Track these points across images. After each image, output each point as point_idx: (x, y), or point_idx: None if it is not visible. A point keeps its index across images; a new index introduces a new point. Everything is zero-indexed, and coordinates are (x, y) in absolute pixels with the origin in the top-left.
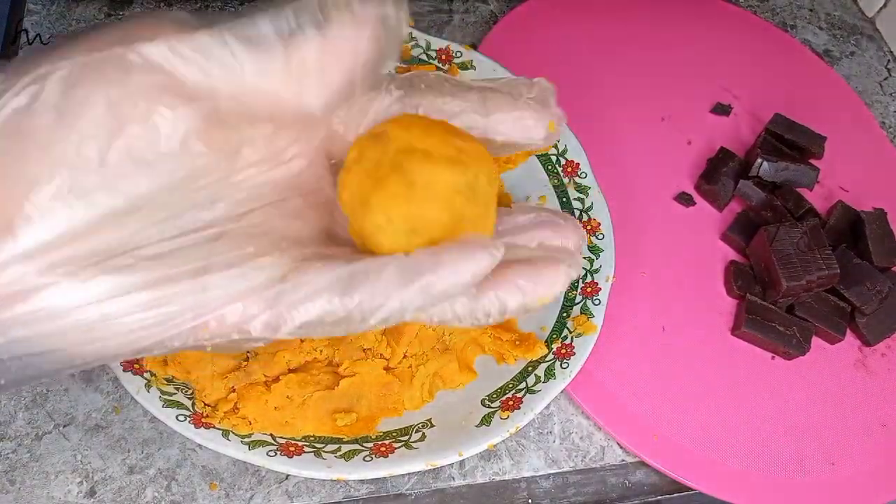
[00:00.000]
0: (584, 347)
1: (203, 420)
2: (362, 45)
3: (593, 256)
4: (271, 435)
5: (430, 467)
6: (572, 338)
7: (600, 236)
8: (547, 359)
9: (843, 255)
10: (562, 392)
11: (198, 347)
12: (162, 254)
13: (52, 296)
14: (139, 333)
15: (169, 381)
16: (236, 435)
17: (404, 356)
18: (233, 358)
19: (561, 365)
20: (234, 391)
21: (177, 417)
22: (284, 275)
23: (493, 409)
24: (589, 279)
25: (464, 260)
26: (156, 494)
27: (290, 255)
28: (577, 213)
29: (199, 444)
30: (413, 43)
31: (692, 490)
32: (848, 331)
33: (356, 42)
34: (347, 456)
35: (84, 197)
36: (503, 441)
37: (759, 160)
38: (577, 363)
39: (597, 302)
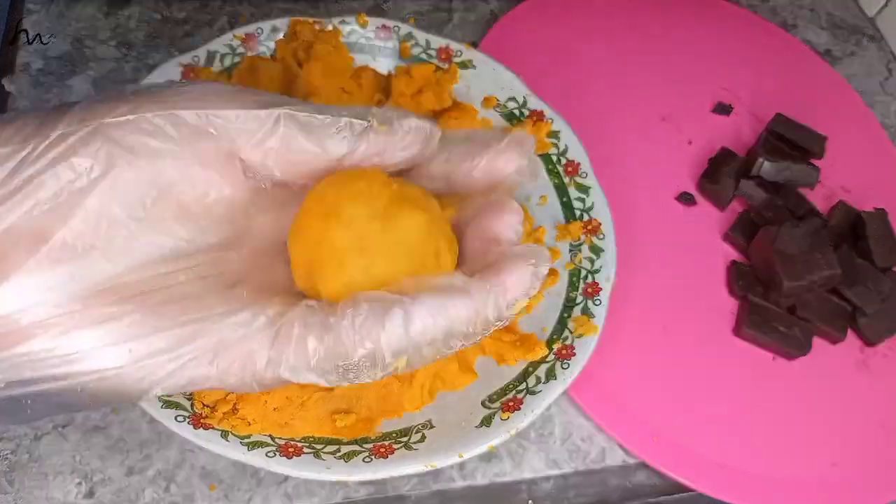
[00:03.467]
0: (584, 348)
1: (202, 421)
2: (395, 155)
3: (594, 256)
4: (270, 436)
5: (430, 468)
6: (573, 338)
7: (601, 236)
8: (548, 360)
9: (845, 255)
10: (563, 393)
11: (215, 387)
12: (186, 294)
13: (72, 336)
14: (159, 379)
15: None
16: (235, 436)
17: None
18: None
19: (562, 366)
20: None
21: (175, 418)
22: (283, 316)
23: (493, 410)
24: (590, 279)
25: (442, 306)
26: (155, 495)
27: (291, 300)
28: (577, 212)
29: (198, 446)
30: (413, 42)
31: (693, 491)
32: (849, 331)
33: (391, 153)
34: (347, 457)
35: (123, 242)
36: (504, 442)
37: (761, 160)
38: (577, 364)
39: (598, 302)
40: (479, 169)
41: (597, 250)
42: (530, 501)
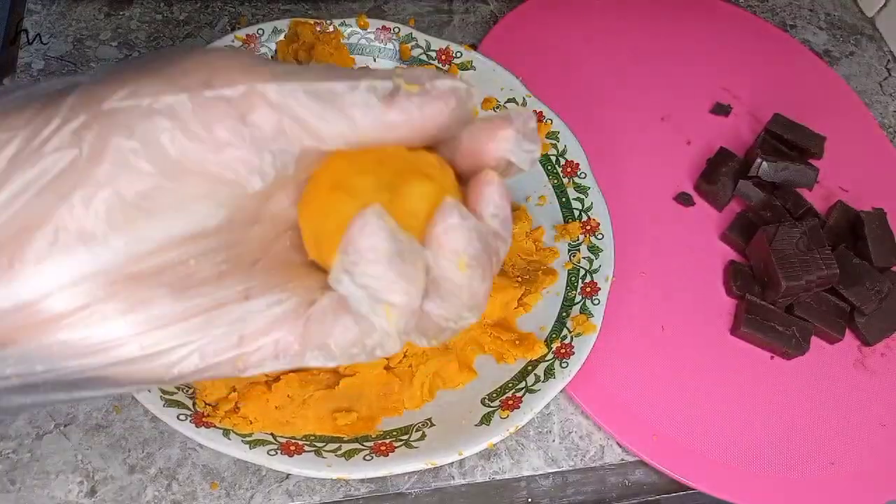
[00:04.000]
0: (583, 347)
1: (204, 419)
2: (430, 121)
3: (593, 256)
4: (272, 434)
5: (430, 466)
6: (572, 337)
7: (600, 236)
8: (546, 358)
9: (843, 255)
10: (561, 391)
11: (233, 374)
12: (206, 278)
13: (94, 327)
14: (180, 365)
15: None
16: (237, 434)
17: (404, 355)
18: None
19: (560, 364)
20: (234, 391)
21: (178, 417)
22: (312, 301)
23: (492, 409)
24: (588, 279)
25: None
26: (156, 494)
27: (308, 282)
28: (576, 213)
29: (200, 444)
30: (413, 43)
31: (691, 489)
32: (847, 331)
33: (424, 118)
34: (348, 455)
35: (139, 227)
36: (503, 440)
37: (759, 160)
38: (576, 363)
39: (596, 302)
40: (467, 136)
41: (595, 250)
42: (529, 499)
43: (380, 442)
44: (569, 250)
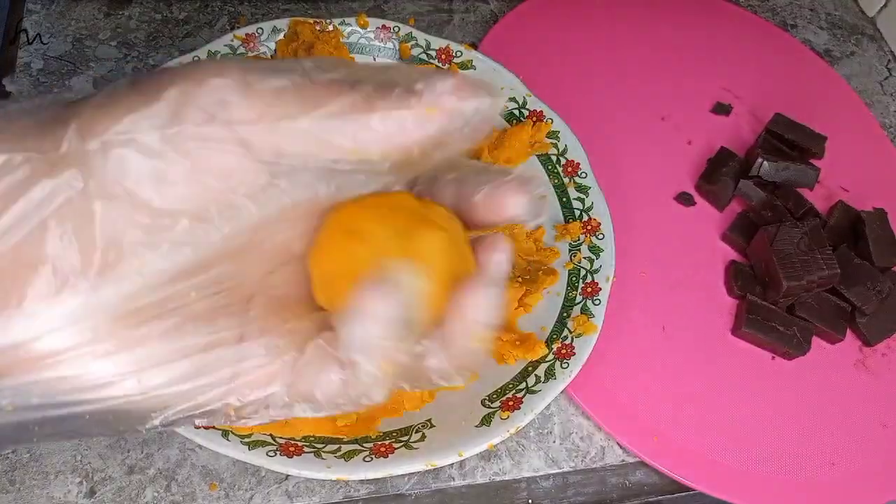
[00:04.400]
0: (584, 347)
1: None
2: (434, 130)
3: (593, 256)
4: (271, 435)
5: (430, 467)
6: (572, 338)
7: (600, 236)
8: (547, 359)
9: (844, 255)
10: (562, 392)
11: (225, 422)
12: (199, 314)
13: (86, 366)
14: (172, 409)
15: None
16: (236, 435)
17: None
18: None
19: (561, 365)
20: None
21: None
22: (304, 349)
23: (493, 410)
24: (589, 279)
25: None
26: (155, 494)
27: (305, 323)
28: (577, 212)
29: (199, 445)
30: (413, 42)
31: (692, 490)
32: (848, 331)
33: (427, 126)
34: (347, 456)
35: (135, 264)
36: (503, 441)
37: (760, 160)
38: (577, 363)
39: (597, 302)
40: (483, 195)
41: (596, 250)
42: (529, 500)
43: (379, 443)
44: (569, 250)
